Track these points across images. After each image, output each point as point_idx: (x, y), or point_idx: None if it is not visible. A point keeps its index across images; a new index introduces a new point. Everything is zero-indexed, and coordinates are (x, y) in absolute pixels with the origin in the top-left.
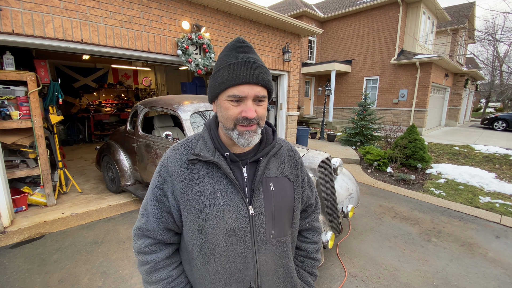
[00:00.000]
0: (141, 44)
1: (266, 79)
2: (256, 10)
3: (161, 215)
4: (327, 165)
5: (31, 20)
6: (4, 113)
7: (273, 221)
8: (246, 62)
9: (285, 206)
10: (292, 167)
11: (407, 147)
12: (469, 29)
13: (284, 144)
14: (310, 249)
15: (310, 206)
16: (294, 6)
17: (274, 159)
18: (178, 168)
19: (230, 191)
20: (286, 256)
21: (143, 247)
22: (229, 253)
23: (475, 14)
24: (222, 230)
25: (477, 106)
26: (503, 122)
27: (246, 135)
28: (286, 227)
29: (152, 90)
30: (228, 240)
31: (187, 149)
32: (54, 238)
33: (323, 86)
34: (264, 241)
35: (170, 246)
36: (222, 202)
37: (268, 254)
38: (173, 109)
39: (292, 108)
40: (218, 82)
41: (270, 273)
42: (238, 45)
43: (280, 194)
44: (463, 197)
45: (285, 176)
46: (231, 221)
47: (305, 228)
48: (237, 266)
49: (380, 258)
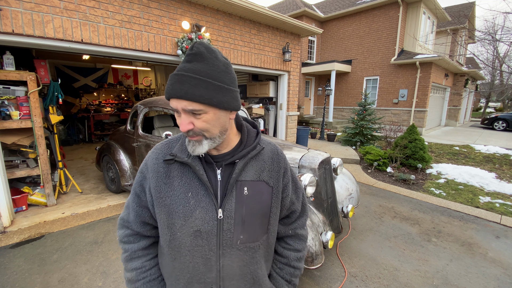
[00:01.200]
0: (141, 44)
1: (190, 93)
2: (256, 10)
3: (138, 209)
4: (327, 165)
5: (31, 20)
6: (4, 113)
7: (243, 226)
8: (176, 75)
9: (259, 211)
10: (273, 171)
11: (407, 147)
12: (469, 29)
13: (269, 146)
14: (291, 256)
15: (294, 212)
16: (294, 6)
17: (254, 162)
18: (156, 166)
19: (202, 192)
20: (255, 262)
21: (123, 237)
22: (194, 253)
23: (475, 14)
24: (189, 230)
25: (477, 106)
26: (503, 122)
27: (191, 144)
28: (258, 233)
29: (152, 90)
30: (194, 240)
31: (167, 149)
32: (54, 238)
33: (323, 86)
34: (231, 245)
35: (147, 239)
36: (192, 202)
37: (233, 259)
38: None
39: (292, 108)
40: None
41: (235, 278)
42: (187, 53)
43: (254, 199)
44: (463, 197)
45: (263, 180)
46: (199, 222)
47: (288, 235)
48: (199, 267)
49: (380, 258)
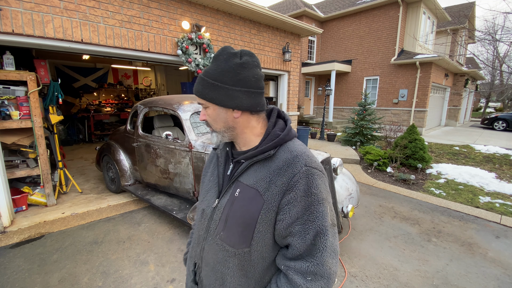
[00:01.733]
0: (141, 44)
1: (200, 91)
2: (256, 10)
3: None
4: (327, 165)
5: (31, 20)
6: (4, 113)
7: (225, 224)
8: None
9: (241, 218)
10: (274, 185)
11: (407, 147)
12: (469, 29)
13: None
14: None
15: (290, 246)
16: (294, 6)
17: (259, 167)
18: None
19: (215, 180)
20: (226, 267)
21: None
22: (197, 226)
23: (475, 14)
24: (202, 206)
25: (477, 106)
26: (503, 122)
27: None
28: (237, 240)
29: (152, 90)
30: (200, 216)
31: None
32: (54, 238)
33: (323, 86)
34: (213, 235)
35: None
36: (209, 186)
37: (211, 249)
38: (173, 109)
39: (292, 108)
40: None
41: (209, 267)
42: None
43: (240, 204)
44: (463, 197)
45: (257, 189)
46: (205, 203)
47: (281, 270)
48: (196, 239)
49: (380, 258)
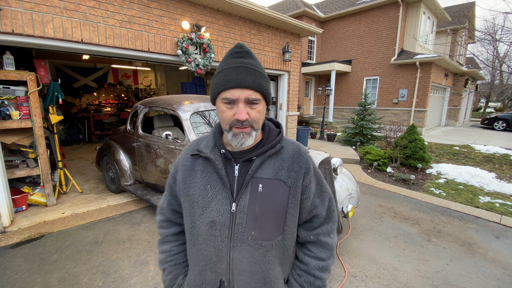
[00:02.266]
0: (141, 44)
1: (257, 83)
2: (256, 10)
3: (170, 198)
4: (327, 165)
5: (31, 20)
6: (4, 113)
7: (254, 223)
8: (238, 67)
9: (273, 210)
10: (293, 171)
11: (407, 147)
12: (469, 29)
13: (291, 146)
14: (312, 264)
15: (316, 217)
16: (294, 6)
17: (272, 160)
18: (183, 161)
19: (219, 186)
20: (267, 262)
21: (158, 222)
22: (208, 242)
23: (475, 14)
24: (206, 220)
25: (477, 106)
26: (503, 122)
27: (239, 137)
28: (272, 232)
29: (152, 90)
30: (209, 230)
31: (196, 145)
32: (54, 238)
33: (323, 86)
34: (241, 240)
35: (177, 226)
36: (210, 194)
37: (243, 254)
38: (173, 109)
39: (292, 108)
40: (214, 86)
41: (244, 274)
42: (235, 51)
43: (268, 197)
44: (463, 197)
45: (280, 179)
46: (214, 213)
47: (310, 241)
48: (212, 257)
49: (380, 258)
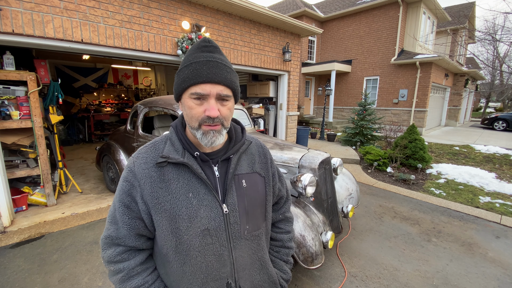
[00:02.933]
0: (141, 44)
1: (229, 79)
2: (256, 10)
3: (131, 221)
4: (327, 165)
5: (31, 20)
6: (4, 113)
7: (247, 217)
8: (209, 61)
9: (258, 201)
10: (262, 163)
11: (407, 147)
12: (469, 29)
13: (253, 141)
14: (284, 238)
15: (281, 198)
16: (294, 6)
17: (245, 156)
18: (146, 172)
19: (202, 191)
20: (261, 248)
21: (114, 256)
22: (205, 252)
23: (475, 14)
24: (197, 231)
25: (477, 106)
26: (503, 122)
27: (210, 135)
28: (260, 221)
29: (152, 90)
30: (203, 240)
31: (154, 152)
32: (54, 238)
33: (323, 86)
34: (239, 237)
35: (143, 252)
36: (195, 202)
37: (244, 249)
38: (173, 109)
39: (292, 108)
40: (181, 80)
41: (247, 267)
42: (203, 45)
43: (252, 190)
44: (463, 197)
45: (256, 171)
46: (205, 221)
47: (279, 220)
48: (213, 265)
49: (380, 258)
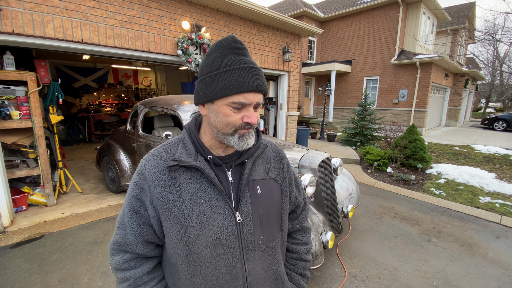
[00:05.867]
0: (141, 44)
1: (266, 87)
2: (256, 10)
3: (139, 228)
4: (327, 165)
5: (31, 20)
6: (4, 113)
7: (261, 226)
8: (251, 69)
9: (273, 209)
10: (279, 168)
11: (407, 147)
12: (469, 29)
13: (269, 144)
14: (301, 250)
15: (298, 206)
16: (294, 6)
17: (260, 161)
18: (157, 175)
19: (215, 197)
20: (276, 261)
21: (121, 263)
22: (216, 263)
23: (475, 14)
24: (208, 240)
25: (477, 106)
26: (503, 122)
27: (246, 137)
28: (275, 231)
29: (152, 90)
30: (215, 250)
31: (166, 155)
32: (54, 238)
33: (323, 86)
34: (253, 248)
35: (151, 260)
36: (207, 209)
37: (257, 262)
38: (173, 109)
39: (292, 108)
40: (221, 87)
41: (261, 282)
42: (235, 46)
43: (267, 197)
44: (463, 197)
45: (272, 177)
46: (217, 230)
47: (295, 230)
48: (225, 277)
49: (380, 258)
